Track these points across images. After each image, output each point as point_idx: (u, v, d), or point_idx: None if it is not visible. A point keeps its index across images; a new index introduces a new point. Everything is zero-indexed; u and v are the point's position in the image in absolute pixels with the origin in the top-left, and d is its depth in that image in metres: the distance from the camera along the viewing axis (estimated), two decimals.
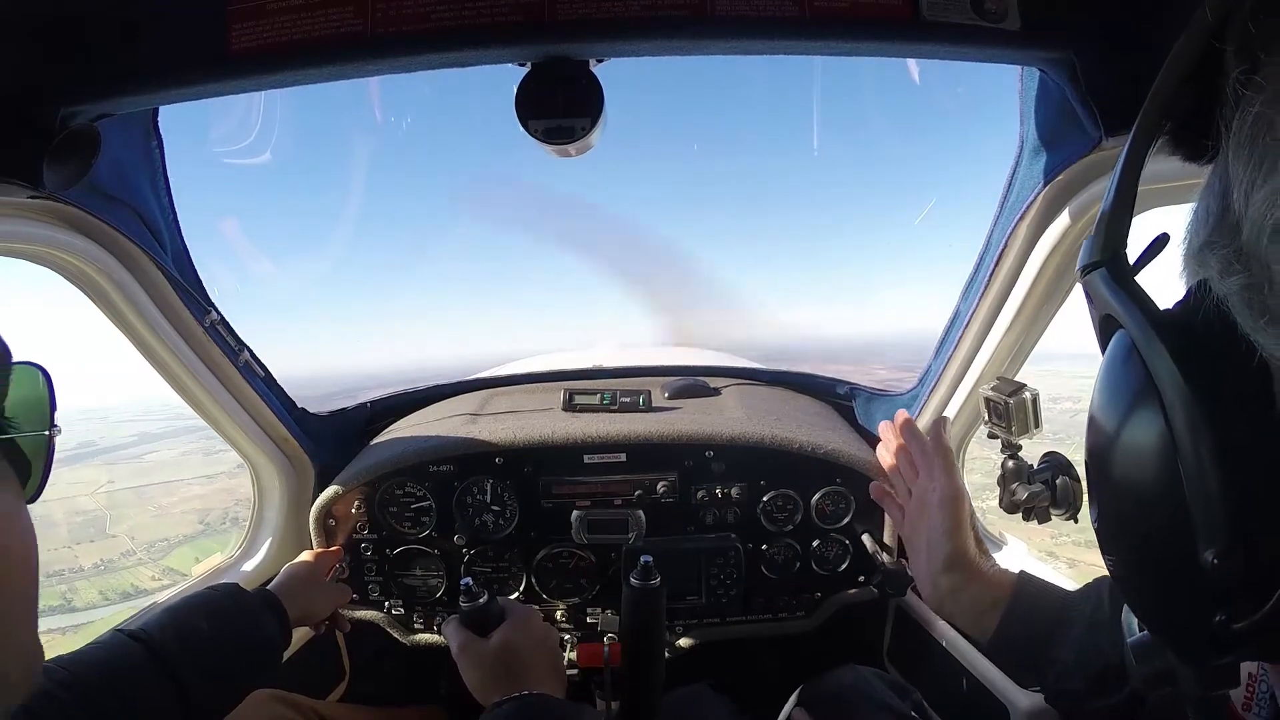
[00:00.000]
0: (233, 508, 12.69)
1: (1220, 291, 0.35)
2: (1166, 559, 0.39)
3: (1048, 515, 1.06)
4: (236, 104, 1.51)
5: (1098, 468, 0.44)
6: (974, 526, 1.08)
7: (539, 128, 0.89)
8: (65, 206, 0.99)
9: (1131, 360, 0.39)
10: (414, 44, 0.83)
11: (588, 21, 0.82)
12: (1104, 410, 0.43)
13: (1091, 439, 0.44)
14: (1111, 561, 0.45)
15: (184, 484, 16.15)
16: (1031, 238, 1.12)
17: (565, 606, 1.56)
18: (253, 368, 1.43)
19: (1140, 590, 0.45)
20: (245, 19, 0.83)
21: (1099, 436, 0.43)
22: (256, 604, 1.12)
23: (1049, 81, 0.92)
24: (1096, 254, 0.44)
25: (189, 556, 12.08)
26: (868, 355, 26.46)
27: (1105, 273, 0.43)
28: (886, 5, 0.82)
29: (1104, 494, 0.44)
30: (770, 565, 1.54)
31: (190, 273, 1.27)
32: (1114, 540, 0.44)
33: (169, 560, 12.15)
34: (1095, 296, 0.45)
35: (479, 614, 1.04)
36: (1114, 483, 0.42)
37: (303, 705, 1.30)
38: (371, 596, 1.56)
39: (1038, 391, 1.08)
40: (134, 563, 12.52)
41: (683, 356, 2.92)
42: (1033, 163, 1.05)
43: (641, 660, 1.08)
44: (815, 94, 17.71)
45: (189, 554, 12.29)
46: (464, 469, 1.51)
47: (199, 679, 0.94)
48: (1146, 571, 0.42)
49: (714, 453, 1.50)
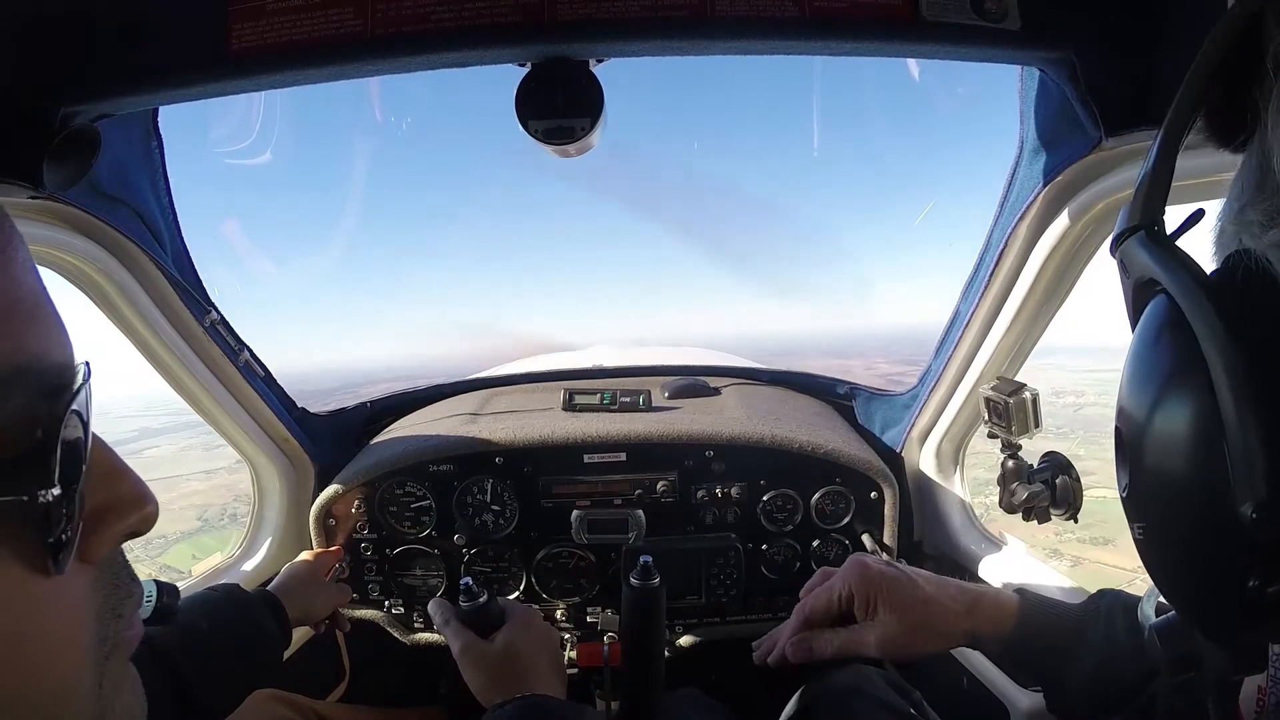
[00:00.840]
0: (231, 504, 12.52)
1: (1259, 248, 0.36)
2: (1200, 520, 0.39)
3: (1048, 515, 1.06)
4: (236, 104, 1.51)
5: (1132, 432, 0.43)
6: (975, 526, 1.08)
7: (539, 128, 0.89)
8: (65, 206, 0.99)
9: (1173, 320, 0.39)
10: (414, 44, 0.83)
11: (588, 22, 0.82)
12: (1140, 375, 0.42)
13: (1125, 404, 0.44)
14: (1141, 529, 0.44)
15: (183, 480, 15.95)
16: (1031, 238, 1.12)
17: (565, 606, 1.56)
18: (253, 367, 1.43)
19: (1170, 559, 0.44)
20: (245, 19, 0.83)
21: (1134, 401, 0.43)
22: (256, 604, 1.12)
23: (1049, 81, 0.92)
24: (1136, 219, 0.44)
25: (186, 554, 11.99)
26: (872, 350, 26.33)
27: (1144, 236, 0.43)
28: (886, 5, 0.82)
29: (1137, 459, 0.43)
30: (770, 565, 1.54)
31: (190, 273, 1.27)
32: (1147, 505, 0.44)
33: (166, 558, 11.99)
34: (1132, 262, 0.45)
35: (479, 614, 1.04)
36: (1149, 446, 0.41)
37: (303, 705, 1.30)
38: (371, 596, 1.56)
39: (1038, 391, 1.08)
40: (131, 560, 12.48)
41: (683, 356, 2.92)
42: (1033, 163, 1.05)
43: (641, 660, 1.08)
44: (815, 93, 17.75)
45: (186, 551, 12.18)
46: (464, 469, 1.51)
47: (199, 679, 0.94)
48: (1178, 536, 0.42)
49: (714, 452, 1.50)
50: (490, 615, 1.05)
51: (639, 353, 3.15)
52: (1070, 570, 7.85)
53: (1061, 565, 7.43)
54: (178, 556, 11.98)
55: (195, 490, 14.96)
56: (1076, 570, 8.45)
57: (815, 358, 45.82)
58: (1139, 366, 0.43)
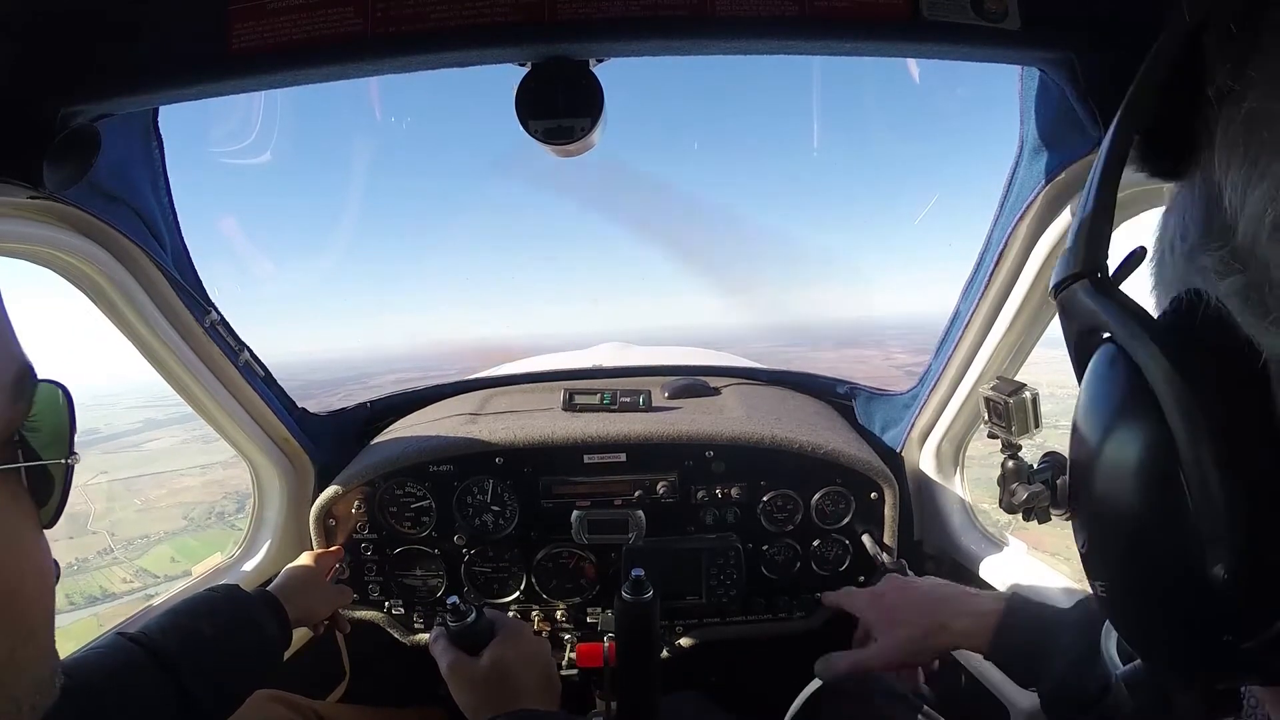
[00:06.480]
0: (219, 502, 11.97)
1: (1217, 294, 0.34)
2: (1170, 578, 0.37)
3: (1048, 515, 1.06)
4: (236, 104, 1.51)
5: (1087, 488, 0.41)
6: (976, 526, 1.08)
7: (539, 128, 0.88)
8: (65, 206, 0.99)
9: (1123, 369, 0.37)
10: (414, 44, 0.83)
11: (588, 21, 0.82)
12: (1092, 427, 0.40)
13: (1079, 458, 0.42)
14: (1103, 587, 0.42)
15: (176, 475, 15.48)
16: (1031, 237, 1.12)
17: (565, 606, 1.56)
18: (253, 367, 1.43)
19: (1138, 614, 0.42)
20: (245, 19, 0.83)
21: (1088, 456, 0.40)
22: (257, 605, 1.12)
23: (1049, 81, 0.92)
24: (1076, 266, 0.42)
25: (165, 556, 11.48)
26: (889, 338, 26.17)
27: (1087, 284, 0.41)
28: (886, 5, 0.82)
29: (1096, 516, 0.41)
30: (770, 565, 1.54)
31: (190, 272, 1.27)
32: (1107, 565, 0.42)
33: (144, 560, 11.46)
34: (1075, 311, 0.42)
35: (467, 632, 1.03)
36: (1106, 504, 0.39)
37: (303, 705, 1.30)
38: (371, 596, 1.56)
39: (1038, 391, 1.08)
40: (109, 562, 11.59)
41: (683, 356, 2.92)
42: (1033, 162, 1.05)
43: (637, 670, 1.07)
44: (815, 93, 17.76)
45: (166, 553, 11.61)
46: (464, 469, 1.51)
47: (200, 682, 0.94)
48: (1147, 593, 0.40)
49: (714, 453, 1.50)
50: (478, 633, 1.03)
51: (639, 352, 3.15)
52: None
53: None
54: (156, 559, 11.42)
55: (187, 486, 14.47)
56: None
57: (831, 348, 45.47)
58: (1092, 420, 0.40)
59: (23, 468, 0.44)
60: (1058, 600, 1.25)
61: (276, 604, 1.15)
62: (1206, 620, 0.36)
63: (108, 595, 10.24)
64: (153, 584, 3.01)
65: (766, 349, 25.77)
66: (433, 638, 1.07)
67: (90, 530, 12.52)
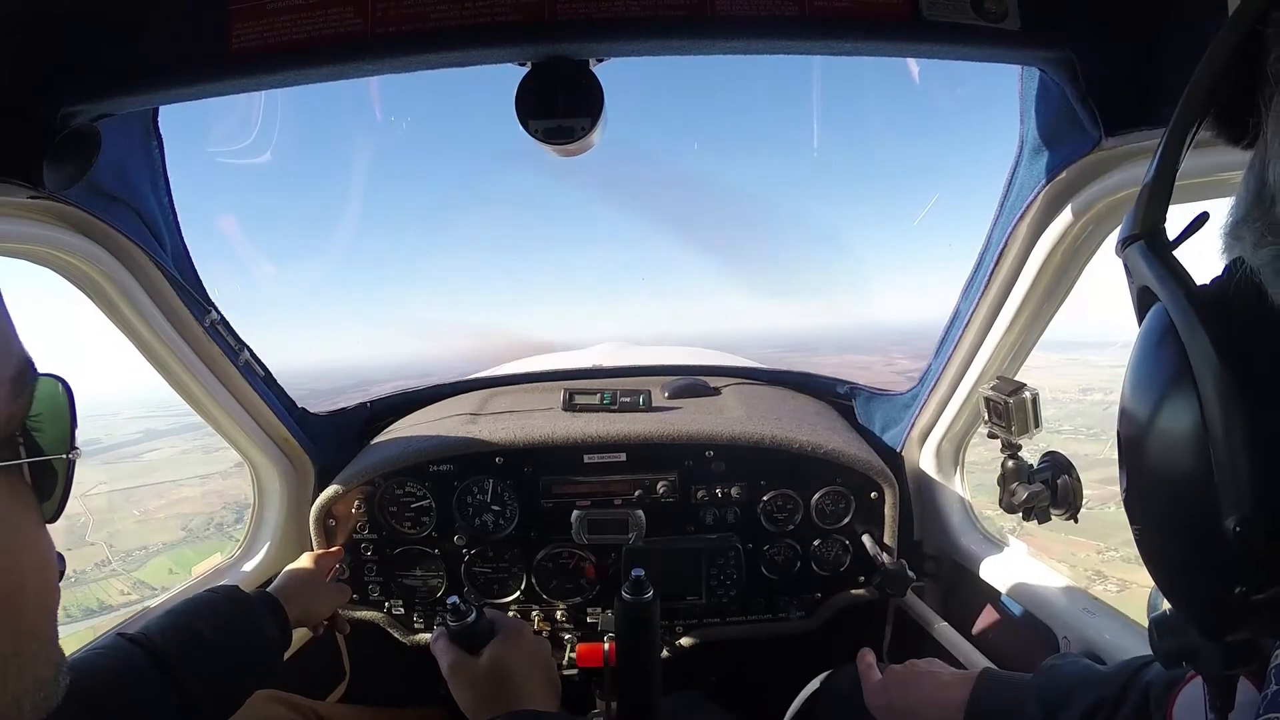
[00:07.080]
0: (219, 512, 11.94)
1: (1253, 263, 0.36)
2: (1190, 527, 0.40)
3: (1048, 515, 1.06)
4: (236, 104, 1.51)
5: (1129, 436, 0.44)
6: (976, 526, 1.08)
7: (539, 128, 0.88)
8: (65, 206, 0.99)
9: (1166, 332, 0.40)
10: (414, 44, 0.83)
11: (587, 21, 0.82)
12: (1138, 381, 0.43)
13: (1125, 408, 0.45)
14: (1137, 530, 0.45)
15: (176, 486, 15.43)
16: (1031, 237, 1.12)
17: (565, 606, 1.56)
18: (253, 367, 1.43)
19: (1164, 560, 0.45)
20: (245, 19, 0.83)
21: (1132, 406, 0.44)
22: (256, 606, 1.12)
23: (1049, 81, 0.92)
24: (1136, 227, 0.45)
25: (163, 568, 11.47)
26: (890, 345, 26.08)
27: (1143, 246, 0.44)
28: (886, 5, 0.82)
29: (1133, 463, 0.44)
30: (770, 565, 1.54)
31: (190, 272, 1.27)
32: (1141, 509, 0.45)
33: (142, 573, 11.38)
34: (1133, 269, 0.45)
35: (467, 632, 1.03)
36: (1144, 451, 0.42)
37: (303, 705, 1.30)
38: (371, 596, 1.56)
39: (1038, 391, 1.08)
40: (107, 574, 11.54)
41: (683, 356, 2.92)
42: (1033, 162, 1.05)
43: (637, 670, 1.07)
44: (814, 93, 17.75)
45: (164, 565, 11.59)
46: (464, 469, 1.51)
47: (200, 682, 0.94)
48: (1170, 540, 0.43)
49: (714, 452, 1.50)
50: (479, 632, 1.03)
51: (639, 352, 3.15)
52: (1116, 596, 6.55)
53: (1107, 589, 6.40)
54: (154, 572, 11.37)
55: (186, 497, 14.36)
56: (1123, 596, 6.91)
57: (831, 354, 45.40)
58: (1138, 373, 0.44)
59: (25, 463, 0.43)
60: (1057, 601, 1.25)
61: (276, 605, 1.15)
62: (1219, 570, 0.38)
63: (105, 608, 10.19)
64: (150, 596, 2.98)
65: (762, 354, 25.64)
66: (433, 637, 1.07)
67: (88, 541, 12.45)
